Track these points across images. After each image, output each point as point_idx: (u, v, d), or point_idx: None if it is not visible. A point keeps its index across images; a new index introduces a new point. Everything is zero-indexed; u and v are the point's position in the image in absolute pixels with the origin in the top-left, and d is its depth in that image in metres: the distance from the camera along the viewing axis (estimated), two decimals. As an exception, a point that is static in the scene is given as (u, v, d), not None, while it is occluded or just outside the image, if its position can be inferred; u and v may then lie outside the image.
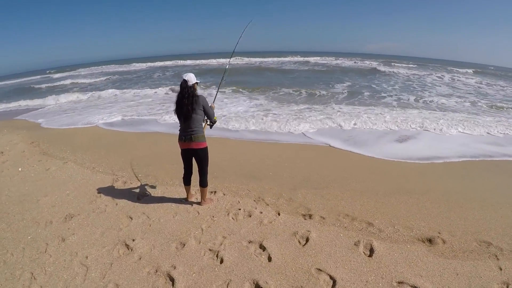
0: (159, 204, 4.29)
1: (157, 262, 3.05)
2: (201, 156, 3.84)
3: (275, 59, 47.84)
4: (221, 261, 3.06)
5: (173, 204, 4.27)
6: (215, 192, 4.66)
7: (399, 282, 2.76)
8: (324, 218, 3.92)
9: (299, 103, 13.30)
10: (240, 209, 4.13)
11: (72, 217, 3.97)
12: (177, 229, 3.66)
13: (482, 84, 23.52)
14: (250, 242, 3.40)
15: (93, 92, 19.18)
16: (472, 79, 26.82)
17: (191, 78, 3.62)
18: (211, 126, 4.03)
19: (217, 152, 6.13)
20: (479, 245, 3.37)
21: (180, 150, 3.91)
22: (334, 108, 11.79)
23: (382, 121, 9.51)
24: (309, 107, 12.11)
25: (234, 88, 17.07)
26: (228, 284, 2.74)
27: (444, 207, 4.30)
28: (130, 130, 9.23)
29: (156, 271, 2.94)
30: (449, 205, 4.34)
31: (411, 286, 2.71)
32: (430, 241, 3.46)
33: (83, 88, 23.44)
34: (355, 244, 3.34)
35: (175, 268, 2.96)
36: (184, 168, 4.07)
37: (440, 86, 21.09)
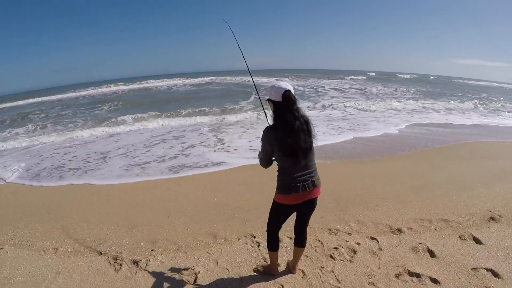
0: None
1: None
2: (315, 207, 2.67)
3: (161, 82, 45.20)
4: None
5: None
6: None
7: None
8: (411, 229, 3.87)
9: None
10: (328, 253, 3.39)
11: None
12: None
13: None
14: (397, 275, 2.97)
15: None
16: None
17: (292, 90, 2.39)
18: None
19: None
20: None
21: (283, 205, 2.54)
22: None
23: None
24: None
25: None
26: None
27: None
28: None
29: None
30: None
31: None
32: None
33: None
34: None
35: None
36: (278, 228, 2.77)
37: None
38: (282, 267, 3.13)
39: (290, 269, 3.06)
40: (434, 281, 2.87)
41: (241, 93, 23.56)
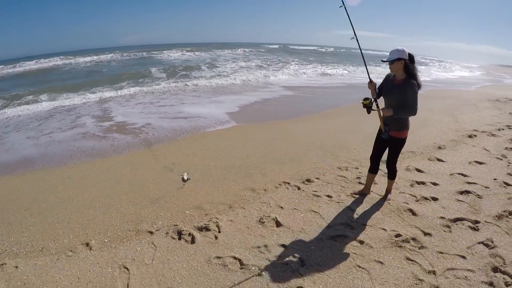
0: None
1: None
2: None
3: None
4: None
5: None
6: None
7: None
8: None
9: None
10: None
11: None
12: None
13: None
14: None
15: None
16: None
17: None
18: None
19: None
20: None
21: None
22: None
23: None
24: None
25: None
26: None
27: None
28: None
29: None
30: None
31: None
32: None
33: None
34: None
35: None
36: None
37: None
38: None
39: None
40: (434, 184, 4.15)
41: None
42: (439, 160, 5.07)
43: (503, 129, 7.15)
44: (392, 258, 2.76)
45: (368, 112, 3.33)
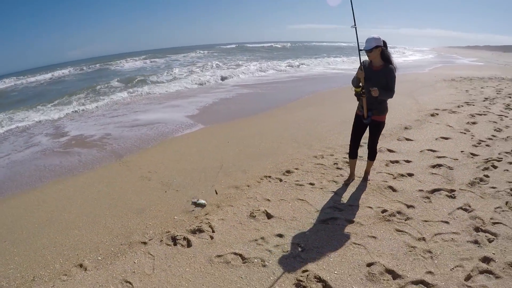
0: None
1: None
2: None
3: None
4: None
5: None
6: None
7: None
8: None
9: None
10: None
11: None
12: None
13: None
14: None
15: None
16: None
17: None
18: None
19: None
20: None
21: None
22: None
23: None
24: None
25: None
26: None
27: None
28: None
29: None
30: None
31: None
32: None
33: None
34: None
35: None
36: None
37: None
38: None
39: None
40: (407, 161, 4.52)
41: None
42: (407, 139, 5.43)
43: (462, 106, 7.80)
44: (383, 231, 2.95)
45: (358, 99, 3.50)
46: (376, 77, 3.28)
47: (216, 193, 3.95)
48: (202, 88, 13.59)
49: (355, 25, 3.22)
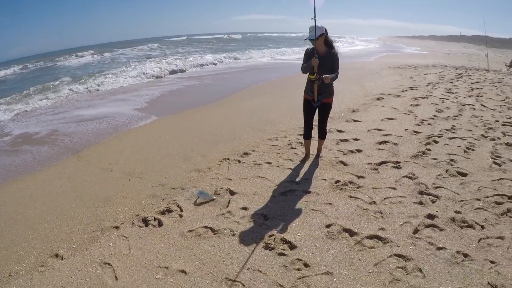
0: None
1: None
2: None
3: None
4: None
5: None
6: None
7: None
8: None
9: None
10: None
11: None
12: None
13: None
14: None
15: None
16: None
17: None
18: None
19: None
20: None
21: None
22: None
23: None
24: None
25: None
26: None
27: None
28: None
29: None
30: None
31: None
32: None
33: None
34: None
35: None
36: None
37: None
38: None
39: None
40: (356, 139, 5.02)
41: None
42: (355, 121, 6.00)
43: (406, 90, 8.62)
44: (338, 198, 3.39)
45: (310, 85, 3.86)
46: (323, 61, 3.66)
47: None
48: (149, 82, 13.33)
49: (315, 17, 3.54)
